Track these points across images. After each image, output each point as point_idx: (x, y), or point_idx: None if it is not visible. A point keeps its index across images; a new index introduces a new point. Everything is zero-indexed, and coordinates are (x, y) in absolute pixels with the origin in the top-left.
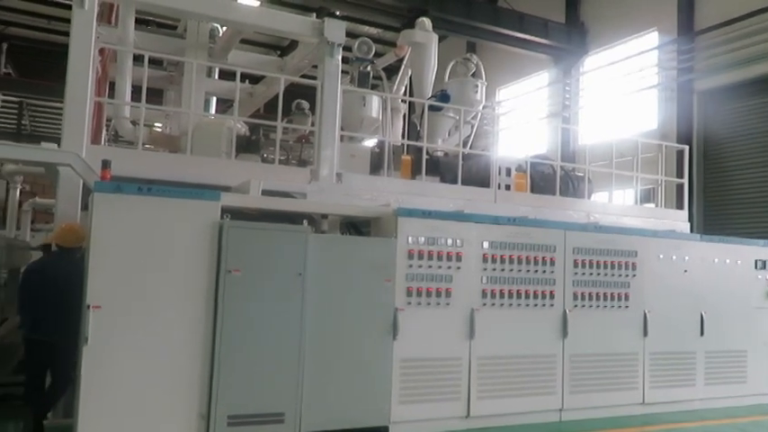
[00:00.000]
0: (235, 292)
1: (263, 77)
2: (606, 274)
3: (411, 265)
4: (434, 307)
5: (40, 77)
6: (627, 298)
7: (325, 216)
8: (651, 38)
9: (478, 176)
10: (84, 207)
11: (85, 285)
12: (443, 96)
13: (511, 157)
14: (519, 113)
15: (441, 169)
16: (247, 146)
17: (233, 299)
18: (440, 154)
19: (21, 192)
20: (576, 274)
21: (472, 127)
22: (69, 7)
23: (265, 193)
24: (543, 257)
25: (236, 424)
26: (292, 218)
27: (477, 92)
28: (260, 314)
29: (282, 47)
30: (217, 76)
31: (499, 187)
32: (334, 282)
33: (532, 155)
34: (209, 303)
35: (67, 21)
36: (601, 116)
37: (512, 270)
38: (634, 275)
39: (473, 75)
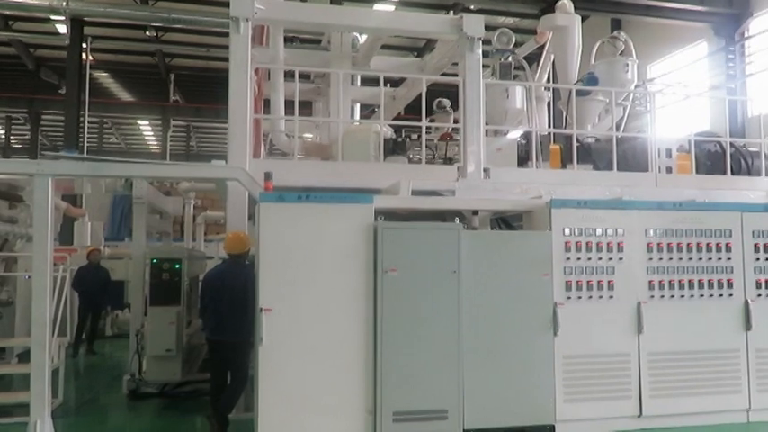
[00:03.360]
0: (393, 292)
1: (403, 80)
2: None
3: (569, 258)
4: (596, 301)
5: (203, 102)
6: None
7: (475, 212)
8: None
9: (635, 161)
10: (250, 217)
11: (257, 289)
12: (591, 79)
13: (671, 138)
14: (676, 89)
15: (593, 156)
16: (394, 148)
17: (391, 298)
18: (590, 140)
19: (194, 206)
20: (757, 260)
21: (624, 109)
22: (225, 35)
23: (415, 192)
24: (717, 243)
25: (401, 420)
26: (443, 216)
27: (627, 71)
28: (418, 312)
29: (419, 48)
30: (359, 84)
31: (660, 170)
32: (489, 278)
33: (695, 133)
34: (369, 303)
35: (224, 47)
36: None
37: (681, 259)
38: None
39: (621, 53)
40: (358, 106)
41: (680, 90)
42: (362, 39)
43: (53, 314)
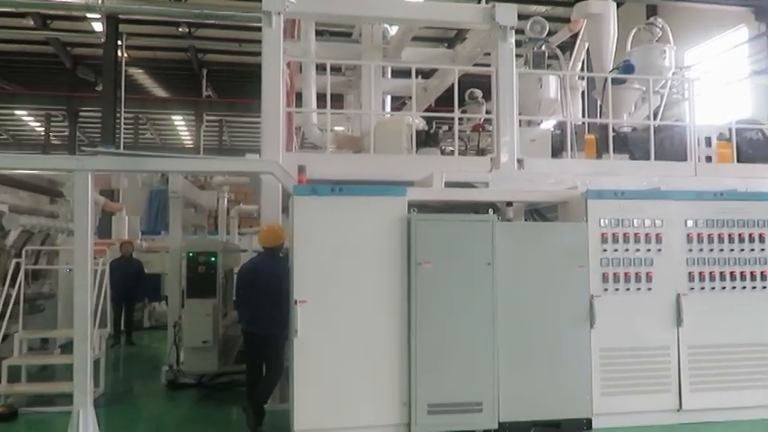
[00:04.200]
0: (427, 284)
1: (434, 71)
2: None
3: (605, 250)
4: (634, 293)
5: (235, 97)
6: None
7: (509, 204)
8: None
9: (673, 150)
10: (284, 210)
11: (292, 282)
12: (627, 67)
13: (710, 126)
14: (714, 76)
15: (629, 146)
16: (426, 140)
17: (425, 290)
18: (627, 129)
19: (227, 200)
20: None
21: (661, 97)
22: (257, 29)
23: (448, 184)
24: (761, 234)
25: (436, 412)
26: (476, 207)
27: (665, 58)
28: (452, 304)
29: (449, 38)
30: (390, 76)
31: (699, 160)
32: (524, 270)
33: (736, 120)
34: (403, 295)
35: (256, 42)
36: None
37: (722, 250)
38: None
39: (658, 40)
40: (389, 98)
41: (719, 76)
42: (393, 30)
43: (94, 306)
